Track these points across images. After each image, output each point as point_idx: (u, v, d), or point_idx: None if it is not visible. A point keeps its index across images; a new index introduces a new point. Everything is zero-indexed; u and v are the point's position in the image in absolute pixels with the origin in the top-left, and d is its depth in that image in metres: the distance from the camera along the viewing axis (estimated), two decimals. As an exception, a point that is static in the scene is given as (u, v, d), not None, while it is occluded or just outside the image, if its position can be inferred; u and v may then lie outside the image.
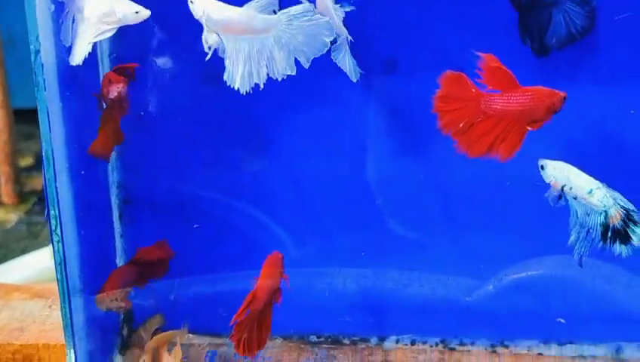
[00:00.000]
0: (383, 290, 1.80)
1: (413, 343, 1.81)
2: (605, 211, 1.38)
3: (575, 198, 1.40)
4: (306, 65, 1.38)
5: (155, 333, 1.74)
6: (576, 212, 1.41)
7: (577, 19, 1.48)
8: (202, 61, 1.64)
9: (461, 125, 1.39)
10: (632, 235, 1.38)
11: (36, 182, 4.55)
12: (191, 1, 1.39)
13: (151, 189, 1.79)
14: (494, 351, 1.79)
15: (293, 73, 1.39)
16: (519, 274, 1.76)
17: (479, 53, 1.37)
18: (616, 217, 1.37)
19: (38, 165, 4.66)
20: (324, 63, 1.55)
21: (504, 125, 1.37)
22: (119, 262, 1.80)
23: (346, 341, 1.82)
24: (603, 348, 1.77)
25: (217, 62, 1.44)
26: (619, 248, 1.39)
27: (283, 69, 1.36)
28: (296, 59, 1.37)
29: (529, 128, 1.37)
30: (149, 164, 1.77)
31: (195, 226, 1.78)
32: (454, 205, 1.74)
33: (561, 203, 1.42)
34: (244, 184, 1.78)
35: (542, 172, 1.44)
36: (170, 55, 1.66)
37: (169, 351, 1.71)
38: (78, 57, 1.42)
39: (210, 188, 1.78)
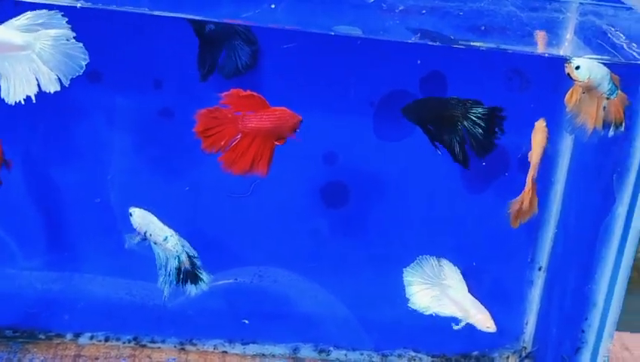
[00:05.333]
0: (89, 292, 1.90)
1: (107, 339, 1.92)
2: (178, 256, 1.59)
3: (155, 243, 1.59)
4: (66, 83, 1.44)
5: None
6: (159, 255, 1.60)
7: (243, 56, 1.68)
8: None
9: (222, 143, 1.51)
10: (201, 276, 1.60)
11: None
12: None
13: None
14: (183, 349, 1.94)
15: (58, 89, 1.44)
16: (215, 282, 1.92)
17: (222, 94, 1.50)
18: (186, 262, 1.59)
19: None
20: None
21: (259, 142, 1.52)
22: None
23: (42, 336, 1.90)
24: (282, 347, 1.97)
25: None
26: (190, 288, 1.60)
27: (50, 82, 1.43)
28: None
29: (277, 143, 1.53)
30: None
31: None
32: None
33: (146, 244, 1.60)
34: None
35: (131, 219, 1.60)
36: None
37: None
38: None
39: None
